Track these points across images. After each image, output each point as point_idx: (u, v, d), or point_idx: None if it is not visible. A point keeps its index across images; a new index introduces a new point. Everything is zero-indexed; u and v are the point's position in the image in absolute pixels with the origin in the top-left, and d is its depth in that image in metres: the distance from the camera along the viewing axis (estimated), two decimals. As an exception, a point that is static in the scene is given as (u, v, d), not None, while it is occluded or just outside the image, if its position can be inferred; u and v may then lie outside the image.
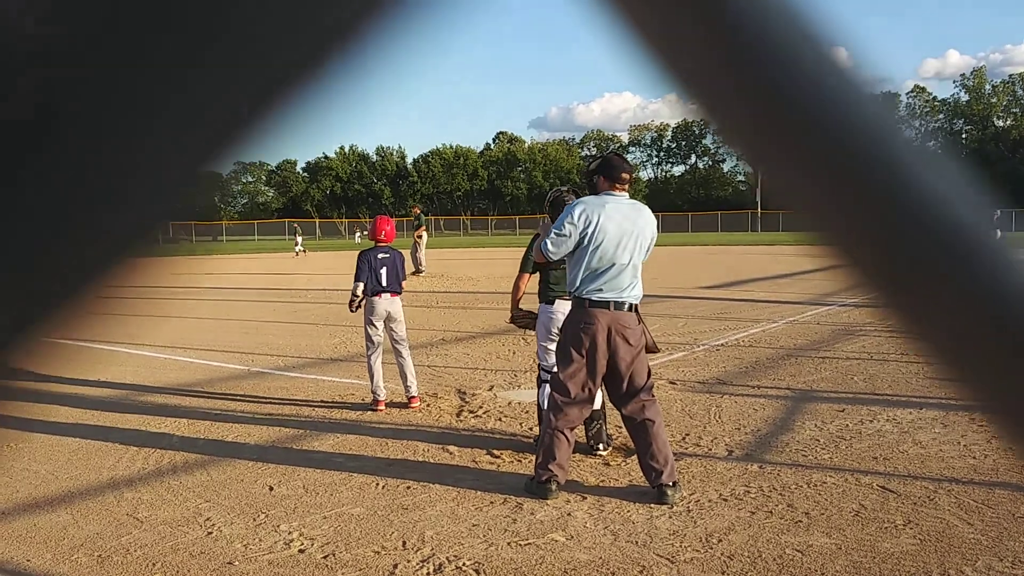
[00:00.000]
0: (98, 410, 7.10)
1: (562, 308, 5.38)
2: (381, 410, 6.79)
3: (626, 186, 4.84)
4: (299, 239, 44.58)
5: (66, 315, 0.36)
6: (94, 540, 4.16)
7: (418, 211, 26.17)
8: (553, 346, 5.26)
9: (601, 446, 5.51)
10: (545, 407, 5.05)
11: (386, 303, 6.96)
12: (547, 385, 5.20)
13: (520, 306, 5.91)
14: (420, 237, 24.73)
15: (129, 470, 5.37)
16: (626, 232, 4.68)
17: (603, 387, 4.92)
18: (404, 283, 7.15)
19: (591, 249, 4.65)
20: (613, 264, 4.65)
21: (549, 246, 4.74)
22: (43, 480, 5.21)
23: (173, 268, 0.39)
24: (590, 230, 4.65)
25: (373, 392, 6.90)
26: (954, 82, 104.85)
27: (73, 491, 4.97)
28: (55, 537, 4.22)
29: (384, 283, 6.95)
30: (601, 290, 4.67)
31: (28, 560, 3.93)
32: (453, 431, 6.21)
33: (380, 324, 6.98)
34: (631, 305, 4.73)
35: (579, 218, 4.67)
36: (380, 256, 7.00)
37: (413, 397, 6.98)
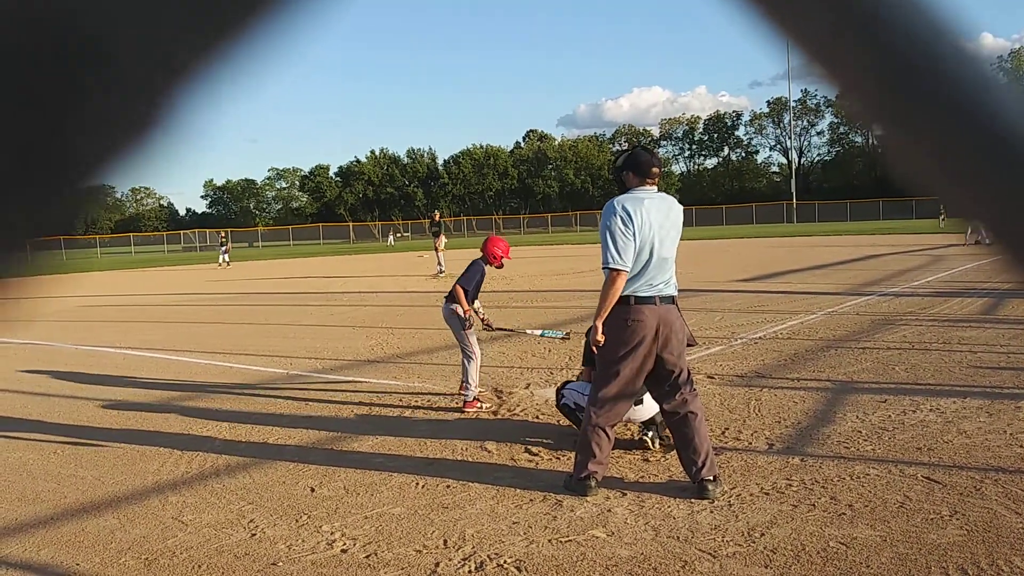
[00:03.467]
0: (142, 416, 7.22)
1: None
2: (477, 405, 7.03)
3: (655, 180, 4.81)
4: (226, 246, 42.43)
5: None
6: (141, 543, 4.23)
7: (438, 217, 27.40)
8: None
9: (651, 433, 5.49)
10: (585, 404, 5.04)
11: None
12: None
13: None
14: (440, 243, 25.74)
15: (173, 474, 5.45)
16: (664, 226, 4.66)
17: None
18: (460, 293, 7.07)
19: (637, 247, 4.60)
20: (656, 259, 4.62)
21: (620, 257, 4.54)
22: (90, 485, 5.31)
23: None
24: (637, 227, 4.59)
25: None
26: (990, 65, 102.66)
27: (119, 495, 5.06)
28: (103, 541, 4.30)
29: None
30: (649, 286, 4.64)
31: (77, 564, 4.01)
32: (491, 429, 6.22)
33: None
34: (673, 298, 4.72)
35: (629, 218, 4.58)
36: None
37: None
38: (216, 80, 0.36)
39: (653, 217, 4.62)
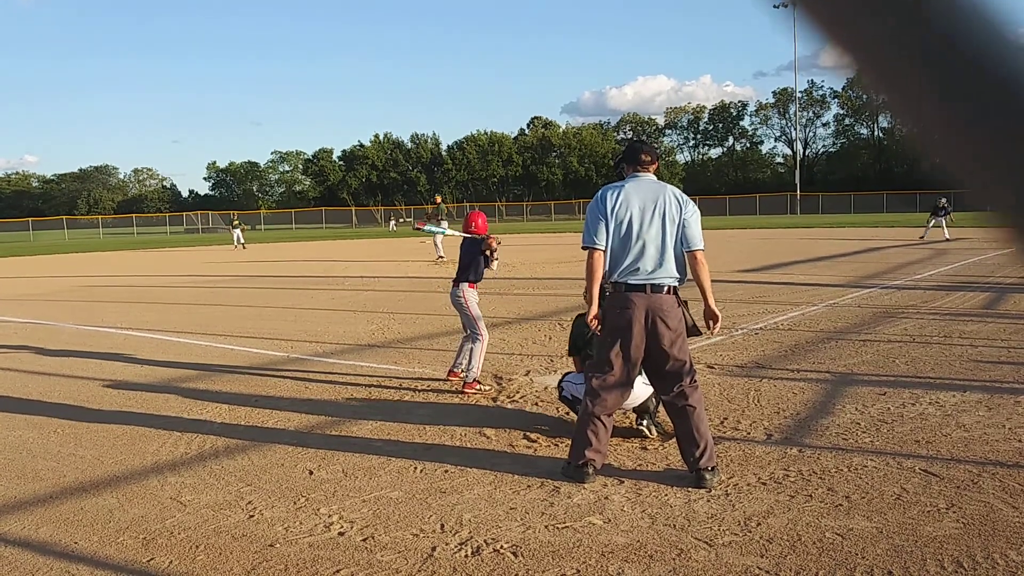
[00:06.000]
0: (142, 396, 7.23)
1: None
2: (452, 380, 7.39)
3: (648, 167, 4.83)
4: (238, 231, 40.43)
5: None
6: (139, 523, 4.24)
7: (439, 202, 27.50)
8: None
9: (646, 421, 5.52)
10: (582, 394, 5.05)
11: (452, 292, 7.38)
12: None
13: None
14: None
15: (172, 455, 5.46)
16: (650, 211, 4.65)
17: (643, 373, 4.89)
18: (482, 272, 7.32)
19: (617, 232, 4.67)
20: (643, 244, 4.62)
21: (590, 236, 4.74)
22: (89, 465, 5.32)
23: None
24: (613, 212, 4.69)
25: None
26: None
27: (118, 475, 5.07)
28: (101, 520, 4.31)
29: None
30: (637, 272, 4.64)
31: (76, 542, 4.03)
32: (489, 416, 6.23)
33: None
34: (669, 287, 4.69)
35: (603, 200, 4.74)
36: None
37: (452, 372, 7.47)
38: None
39: (633, 201, 4.68)
